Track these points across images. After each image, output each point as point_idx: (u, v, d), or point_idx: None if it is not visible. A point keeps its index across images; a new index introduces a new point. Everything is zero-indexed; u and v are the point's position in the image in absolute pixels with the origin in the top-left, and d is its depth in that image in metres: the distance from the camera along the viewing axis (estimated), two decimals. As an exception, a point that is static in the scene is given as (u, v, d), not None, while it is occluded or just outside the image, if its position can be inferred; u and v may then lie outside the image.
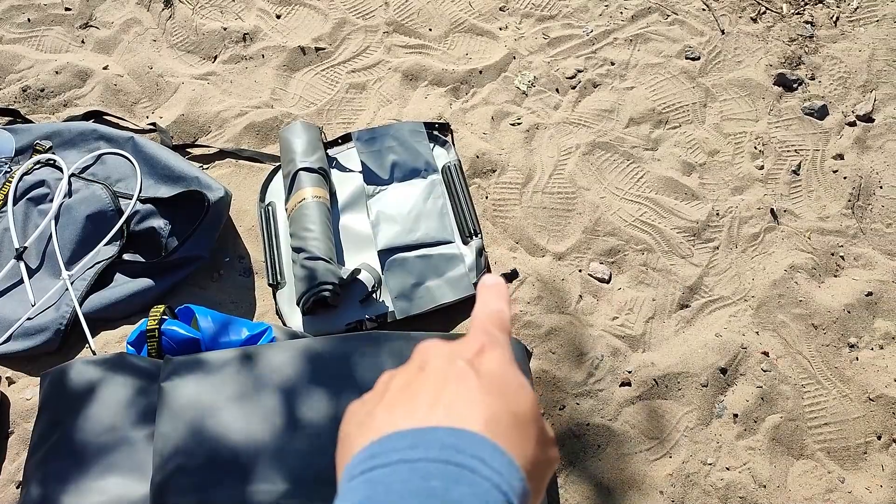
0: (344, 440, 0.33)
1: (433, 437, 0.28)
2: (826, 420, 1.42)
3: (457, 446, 0.28)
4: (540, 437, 0.32)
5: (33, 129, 1.69)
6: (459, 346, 0.35)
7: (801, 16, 2.03)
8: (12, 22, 1.96)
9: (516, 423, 0.31)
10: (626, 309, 1.53)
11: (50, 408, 1.22)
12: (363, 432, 0.31)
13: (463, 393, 0.31)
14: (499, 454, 0.28)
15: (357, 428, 0.32)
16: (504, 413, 0.31)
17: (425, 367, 0.34)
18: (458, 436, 0.28)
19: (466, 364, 0.33)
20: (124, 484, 1.13)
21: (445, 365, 0.33)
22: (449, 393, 0.31)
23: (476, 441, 0.28)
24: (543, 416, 1.34)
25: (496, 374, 0.33)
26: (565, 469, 1.35)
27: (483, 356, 0.34)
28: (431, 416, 0.30)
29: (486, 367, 0.33)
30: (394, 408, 0.31)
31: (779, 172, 1.75)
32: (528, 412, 0.32)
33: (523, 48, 1.95)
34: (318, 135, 1.64)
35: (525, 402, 0.33)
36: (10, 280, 1.50)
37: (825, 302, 1.54)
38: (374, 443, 0.29)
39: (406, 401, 0.32)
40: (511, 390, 0.33)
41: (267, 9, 2.02)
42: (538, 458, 0.31)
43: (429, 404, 0.31)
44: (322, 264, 1.42)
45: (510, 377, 0.34)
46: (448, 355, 0.34)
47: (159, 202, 1.57)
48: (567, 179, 1.70)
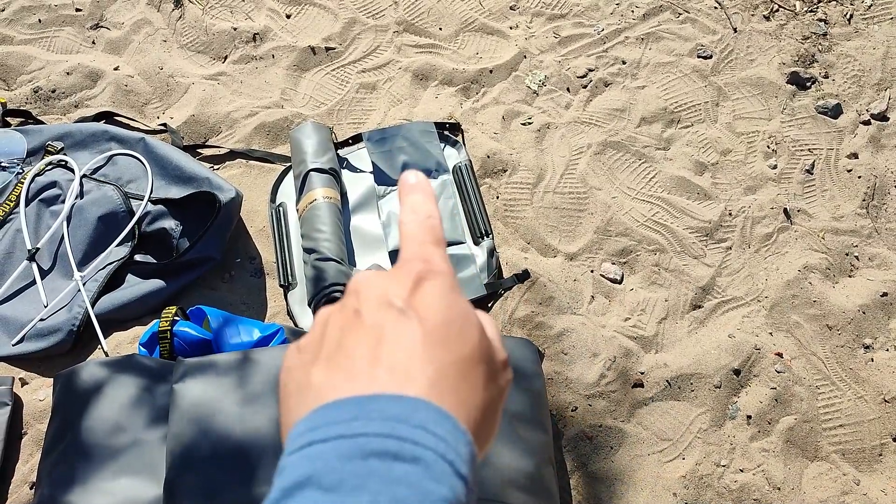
0: (283, 398, 0.31)
1: (374, 408, 0.27)
2: (841, 422, 1.41)
3: (398, 416, 0.27)
4: (488, 373, 0.31)
5: (45, 131, 1.69)
6: (394, 281, 0.33)
7: (814, 13, 2.02)
8: (23, 23, 1.97)
9: (462, 370, 0.30)
10: (638, 310, 1.52)
11: (63, 409, 1.22)
12: (303, 399, 0.30)
13: (403, 347, 0.30)
14: (443, 419, 0.27)
15: (296, 390, 0.31)
16: (449, 364, 0.30)
17: (360, 314, 0.31)
18: (399, 403, 0.27)
19: (404, 306, 0.31)
20: (136, 485, 1.13)
21: (382, 310, 0.31)
22: (388, 348, 0.30)
23: (419, 407, 0.27)
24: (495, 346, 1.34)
25: (437, 312, 0.31)
26: (577, 470, 1.34)
27: (421, 289, 0.32)
28: (372, 380, 0.29)
29: (426, 304, 0.31)
30: (332, 368, 0.30)
31: (792, 172, 1.73)
32: (475, 350, 0.31)
33: (534, 47, 1.94)
34: (328, 135, 1.64)
35: (470, 340, 0.31)
36: (22, 281, 1.50)
37: (840, 302, 1.53)
38: (314, 412, 0.28)
39: (344, 359, 0.30)
40: (455, 330, 0.31)
41: (277, 9, 2.02)
42: (488, 400, 0.30)
43: (368, 364, 0.29)
44: (333, 265, 1.42)
45: (452, 312, 0.32)
46: (383, 296, 0.32)
47: (170, 203, 1.57)
48: (578, 179, 1.70)
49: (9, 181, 1.61)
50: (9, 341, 1.43)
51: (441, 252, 0.35)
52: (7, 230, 1.56)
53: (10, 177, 1.62)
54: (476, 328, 0.32)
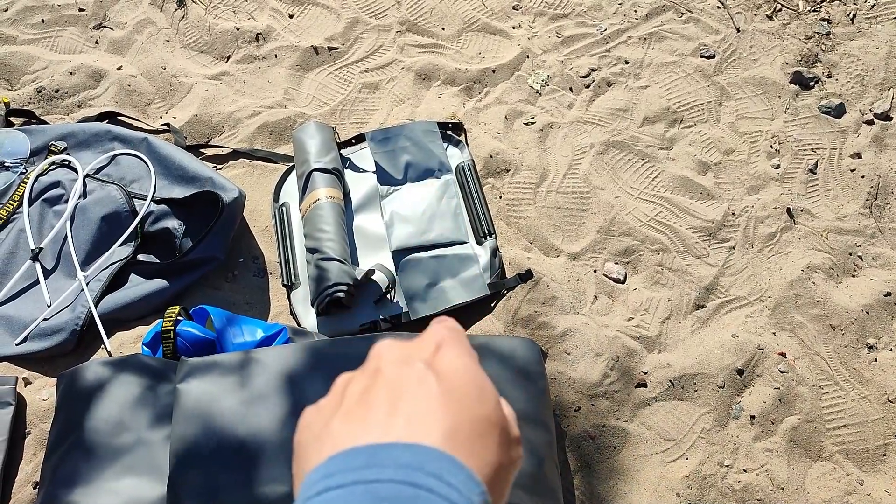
0: (299, 451, 0.32)
1: (389, 456, 0.28)
2: (844, 422, 1.41)
3: (413, 464, 0.27)
4: (502, 439, 0.31)
5: (48, 130, 1.69)
6: (416, 345, 0.34)
7: (817, 13, 2.02)
8: (26, 23, 1.97)
9: (477, 429, 0.30)
10: (641, 309, 1.52)
11: (66, 409, 1.22)
12: (320, 446, 0.30)
13: (422, 401, 0.30)
14: (457, 469, 0.28)
15: (314, 440, 0.31)
16: (465, 420, 0.30)
17: (381, 371, 0.33)
18: (414, 452, 0.28)
19: (425, 366, 0.32)
20: (140, 485, 1.13)
21: (402, 368, 0.32)
22: (407, 402, 0.30)
23: (434, 457, 0.28)
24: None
25: (456, 375, 0.32)
26: (580, 470, 1.34)
27: (441, 354, 0.33)
28: (389, 430, 0.29)
29: (446, 367, 0.32)
30: (350, 419, 0.30)
31: (795, 171, 1.73)
32: (490, 414, 0.31)
33: (537, 47, 1.94)
34: (331, 135, 1.64)
35: (487, 404, 0.32)
36: (26, 281, 1.50)
37: (843, 302, 1.53)
38: (330, 459, 0.28)
39: (363, 411, 0.31)
40: (472, 392, 0.32)
41: (280, 8, 2.02)
42: (500, 463, 0.31)
43: (386, 415, 0.30)
44: (336, 265, 1.42)
45: (470, 377, 0.32)
46: (404, 357, 0.33)
47: (173, 203, 1.57)
48: (581, 179, 1.69)
49: (12, 181, 1.61)
50: (12, 341, 1.43)
51: (462, 334, 0.36)
52: (10, 230, 1.56)
53: (13, 176, 1.62)
54: (492, 396, 0.33)
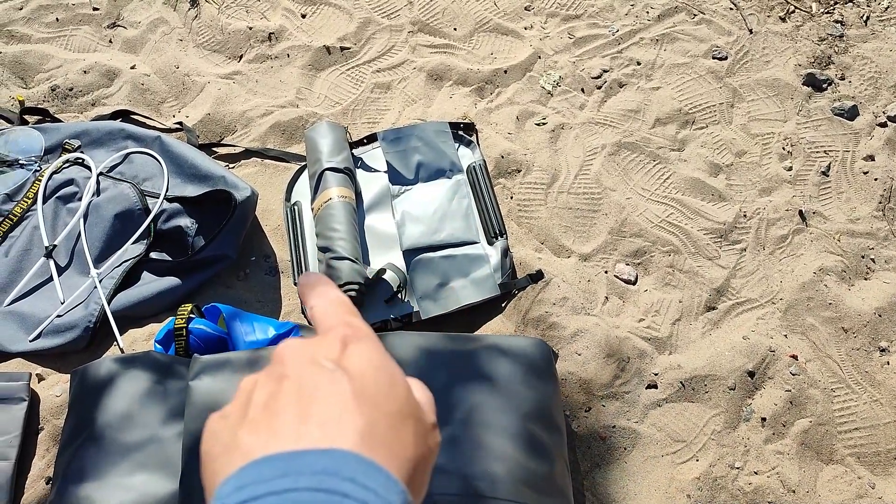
0: (207, 463, 0.31)
1: (303, 463, 0.27)
2: (856, 425, 1.40)
3: (328, 470, 0.26)
4: (418, 429, 0.31)
5: (62, 129, 1.70)
6: (322, 345, 0.33)
7: (830, 15, 2.01)
8: (41, 21, 1.98)
9: (393, 424, 0.30)
10: (652, 311, 1.52)
11: (79, 405, 1.23)
12: (228, 458, 0.29)
13: (333, 403, 0.30)
14: (374, 471, 0.27)
15: (222, 452, 0.30)
16: (379, 418, 0.30)
17: (287, 376, 0.31)
18: (329, 457, 0.27)
19: (333, 365, 0.31)
20: (153, 481, 1.14)
21: (310, 370, 0.31)
22: (318, 405, 0.30)
23: (349, 460, 0.27)
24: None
25: (367, 370, 0.32)
26: (590, 471, 1.34)
27: (349, 350, 0.33)
28: (301, 436, 0.28)
29: (355, 363, 0.32)
30: (258, 428, 0.29)
31: (808, 174, 1.73)
32: (404, 407, 0.31)
33: (548, 48, 1.94)
34: (343, 135, 1.64)
35: (399, 396, 0.31)
36: (39, 278, 1.51)
37: (855, 305, 1.52)
38: (241, 470, 0.27)
39: (271, 419, 0.30)
40: (384, 386, 0.31)
41: (292, 8, 2.02)
42: (419, 455, 0.30)
43: (296, 421, 0.29)
44: (348, 264, 1.42)
45: (381, 369, 0.32)
46: (310, 357, 0.32)
47: (186, 201, 1.58)
48: (593, 180, 1.69)
49: (26, 178, 1.62)
50: (26, 337, 1.44)
51: (360, 320, 0.36)
52: (25, 227, 1.57)
53: (27, 174, 1.63)
54: (403, 387, 0.32)
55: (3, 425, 1.33)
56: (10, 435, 1.33)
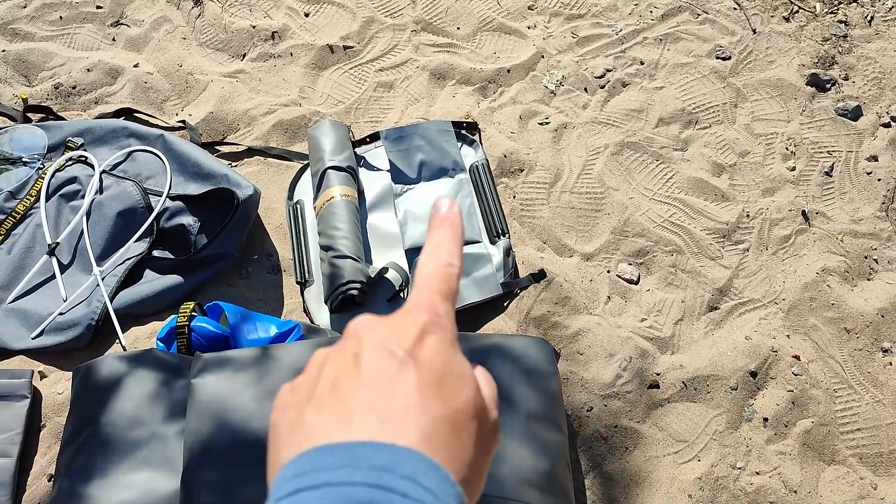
0: (274, 436, 0.31)
1: (363, 456, 0.27)
2: (858, 425, 1.40)
3: (387, 466, 0.26)
4: (481, 430, 0.31)
5: (65, 127, 1.71)
6: (398, 328, 0.33)
7: (834, 15, 2.01)
8: (45, 20, 1.98)
9: (456, 424, 0.30)
10: (654, 310, 1.52)
11: (81, 402, 1.23)
12: (293, 438, 0.29)
13: (400, 396, 0.29)
14: (433, 471, 0.27)
15: (288, 429, 0.30)
16: (443, 417, 0.29)
17: (360, 357, 0.31)
18: (389, 453, 0.27)
19: (405, 355, 0.31)
20: (154, 479, 1.14)
21: (381, 356, 0.31)
22: (384, 396, 0.29)
23: (409, 458, 0.27)
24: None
25: (437, 365, 0.31)
26: (592, 470, 1.34)
27: (424, 342, 0.32)
28: (364, 426, 0.28)
29: (427, 357, 0.31)
30: (324, 410, 0.30)
31: (811, 174, 1.73)
32: (469, 406, 0.31)
33: (552, 47, 1.94)
34: (346, 133, 1.64)
35: (465, 396, 0.31)
36: (42, 275, 1.51)
37: (858, 306, 1.52)
38: (301, 456, 0.28)
39: (338, 403, 0.30)
40: (451, 384, 0.31)
41: (295, 7, 2.02)
42: (480, 453, 0.30)
43: (362, 409, 0.29)
44: (350, 263, 1.42)
45: (450, 368, 0.32)
46: (384, 341, 0.32)
47: (189, 199, 1.58)
48: (595, 179, 1.69)
49: (29, 176, 1.63)
50: (28, 335, 1.44)
51: (449, 307, 0.35)
52: (28, 225, 1.57)
53: (30, 172, 1.63)
54: (472, 386, 0.32)
55: (6, 422, 1.33)
56: (13, 432, 1.33)
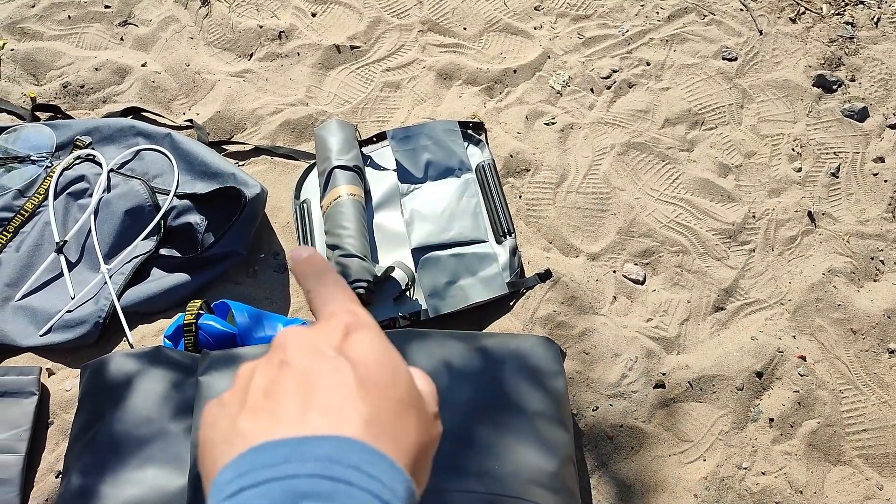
0: (205, 451, 0.30)
1: (306, 449, 0.26)
2: (864, 426, 1.40)
3: (332, 457, 0.26)
4: (420, 419, 0.31)
5: (73, 125, 1.71)
6: (324, 332, 0.33)
7: (841, 16, 2.01)
8: (53, 19, 1.99)
9: (396, 413, 0.30)
10: (660, 311, 1.52)
11: (90, 399, 1.24)
12: (229, 445, 0.28)
13: (336, 391, 0.29)
14: (378, 458, 0.27)
15: (221, 440, 0.29)
16: (383, 406, 0.29)
17: (288, 363, 0.31)
18: (333, 444, 0.27)
19: (336, 353, 0.31)
20: (162, 475, 1.14)
21: (312, 357, 0.31)
22: (321, 392, 0.29)
23: (353, 448, 0.27)
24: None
25: (369, 358, 0.31)
26: (598, 470, 1.34)
27: (351, 339, 0.32)
28: (304, 423, 0.28)
29: (357, 351, 0.31)
30: (259, 415, 0.29)
31: (817, 175, 1.72)
32: (406, 396, 0.31)
33: (558, 48, 1.94)
34: (353, 133, 1.65)
35: (402, 385, 0.31)
36: (50, 273, 1.52)
37: (864, 307, 1.52)
38: (241, 456, 0.27)
39: (272, 405, 0.29)
40: (387, 374, 0.31)
41: (302, 7, 2.03)
42: (422, 443, 0.30)
43: (299, 407, 0.29)
44: (356, 262, 1.43)
45: (384, 358, 0.32)
46: (313, 345, 0.32)
47: (196, 198, 1.59)
48: (601, 180, 1.70)
49: (38, 175, 1.63)
50: (36, 332, 1.45)
51: (361, 306, 0.35)
52: (36, 223, 1.58)
53: (39, 170, 1.64)
54: (406, 375, 0.32)
55: (14, 419, 1.34)
56: (21, 429, 1.33)
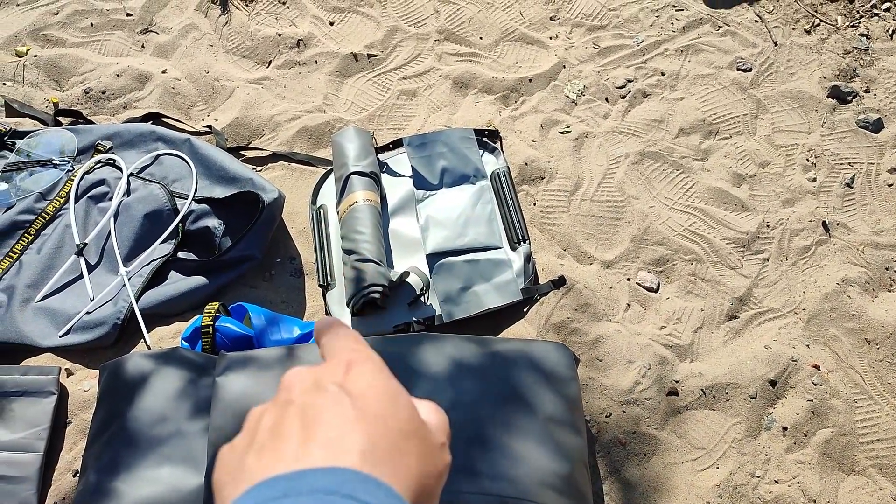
0: (217, 492, 0.31)
1: (304, 482, 0.27)
2: (878, 436, 1.39)
3: (329, 488, 0.26)
4: (424, 448, 0.31)
5: (95, 130, 1.74)
6: (326, 370, 0.34)
7: (856, 28, 2.01)
8: (76, 26, 2.03)
9: (395, 442, 0.30)
10: (674, 318, 1.52)
11: (108, 398, 1.25)
12: (235, 483, 0.29)
13: (336, 424, 0.30)
14: (375, 486, 0.27)
15: (229, 479, 0.30)
16: (381, 437, 0.30)
17: (293, 402, 0.32)
18: (331, 475, 0.27)
19: (337, 388, 0.32)
20: (178, 474, 1.16)
21: (314, 394, 0.32)
22: (321, 427, 0.30)
23: (350, 478, 0.27)
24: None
25: (369, 390, 0.32)
26: (610, 476, 1.34)
27: (352, 373, 0.33)
28: (304, 457, 0.28)
29: (358, 385, 0.32)
30: (263, 453, 0.30)
31: (832, 185, 1.73)
32: (407, 424, 0.31)
33: (573, 57, 1.95)
34: (369, 140, 1.66)
35: (402, 414, 0.31)
36: (70, 275, 1.54)
37: (879, 317, 1.52)
38: (245, 494, 0.28)
39: (276, 443, 0.30)
40: (386, 405, 0.31)
41: (321, 16, 2.06)
42: (424, 472, 0.30)
43: (300, 443, 0.29)
44: (372, 266, 1.44)
45: (383, 390, 0.32)
46: (315, 382, 0.32)
47: (214, 202, 1.61)
48: (616, 188, 1.70)
49: (59, 178, 1.66)
50: (56, 333, 1.47)
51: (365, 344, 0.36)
52: (57, 225, 1.61)
53: (60, 174, 1.67)
54: (406, 406, 0.32)
55: (33, 418, 1.36)
56: (40, 427, 1.35)
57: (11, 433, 1.34)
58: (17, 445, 1.33)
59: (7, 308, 1.50)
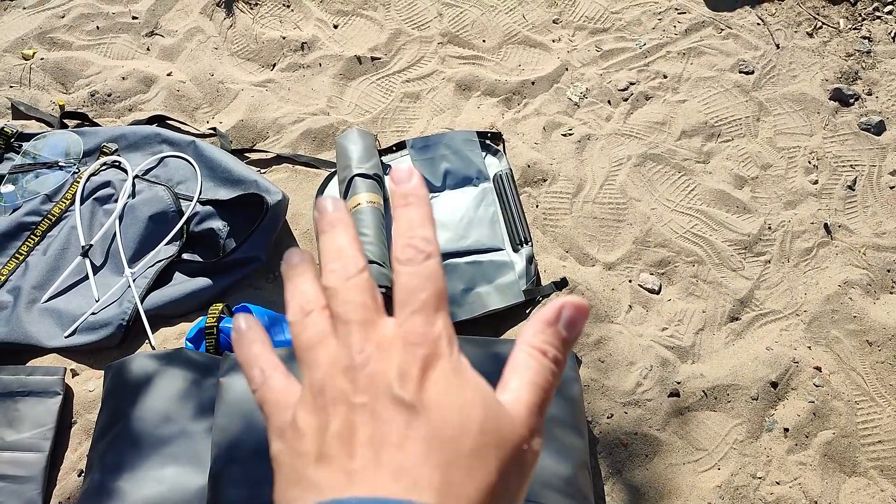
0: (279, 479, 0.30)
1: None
2: (880, 438, 1.40)
3: None
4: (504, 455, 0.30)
5: (100, 133, 1.75)
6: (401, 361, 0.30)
7: (858, 31, 2.02)
8: (82, 29, 2.04)
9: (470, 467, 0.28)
10: (675, 320, 1.53)
11: (113, 399, 1.26)
12: (301, 490, 0.28)
13: (410, 450, 0.28)
14: None
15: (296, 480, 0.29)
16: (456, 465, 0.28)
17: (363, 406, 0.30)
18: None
19: (413, 400, 0.29)
20: (182, 474, 1.17)
21: (388, 403, 0.29)
22: (394, 450, 0.28)
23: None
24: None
25: (443, 406, 0.29)
26: (612, 476, 1.35)
27: (428, 380, 0.30)
28: (376, 483, 0.27)
29: (434, 398, 0.30)
30: (332, 465, 0.28)
31: (833, 187, 1.73)
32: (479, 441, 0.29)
33: (576, 60, 1.96)
34: (373, 142, 1.67)
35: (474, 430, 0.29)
36: (75, 276, 1.55)
37: (880, 318, 1.52)
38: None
39: (344, 457, 0.28)
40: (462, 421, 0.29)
41: (325, 19, 2.07)
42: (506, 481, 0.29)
43: (371, 465, 0.28)
44: (376, 268, 1.45)
45: (459, 402, 0.30)
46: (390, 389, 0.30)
47: (218, 204, 1.62)
48: (618, 190, 1.71)
49: (65, 180, 1.67)
50: (61, 333, 1.48)
51: (444, 318, 0.31)
52: (63, 227, 1.62)
53: (66, 176, 1.68)
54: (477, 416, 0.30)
55: (38, 418, 1.37)
56: (45, 427, 1.36)
57: (17, 433, 1.35)
58: (23, 445, 1.34)
59: (13, 309, 1.51)
